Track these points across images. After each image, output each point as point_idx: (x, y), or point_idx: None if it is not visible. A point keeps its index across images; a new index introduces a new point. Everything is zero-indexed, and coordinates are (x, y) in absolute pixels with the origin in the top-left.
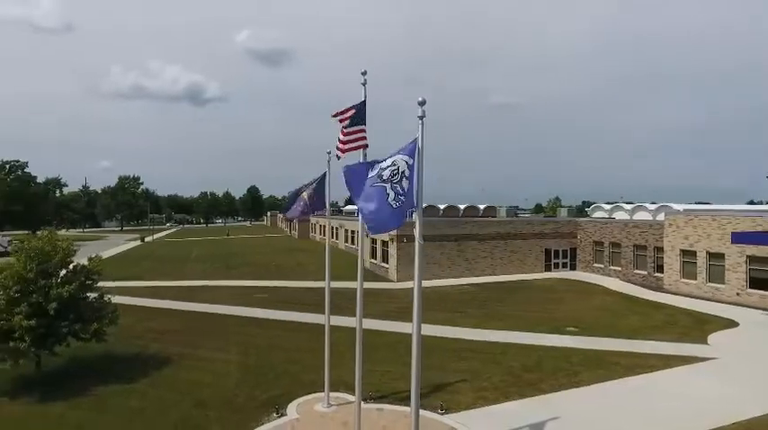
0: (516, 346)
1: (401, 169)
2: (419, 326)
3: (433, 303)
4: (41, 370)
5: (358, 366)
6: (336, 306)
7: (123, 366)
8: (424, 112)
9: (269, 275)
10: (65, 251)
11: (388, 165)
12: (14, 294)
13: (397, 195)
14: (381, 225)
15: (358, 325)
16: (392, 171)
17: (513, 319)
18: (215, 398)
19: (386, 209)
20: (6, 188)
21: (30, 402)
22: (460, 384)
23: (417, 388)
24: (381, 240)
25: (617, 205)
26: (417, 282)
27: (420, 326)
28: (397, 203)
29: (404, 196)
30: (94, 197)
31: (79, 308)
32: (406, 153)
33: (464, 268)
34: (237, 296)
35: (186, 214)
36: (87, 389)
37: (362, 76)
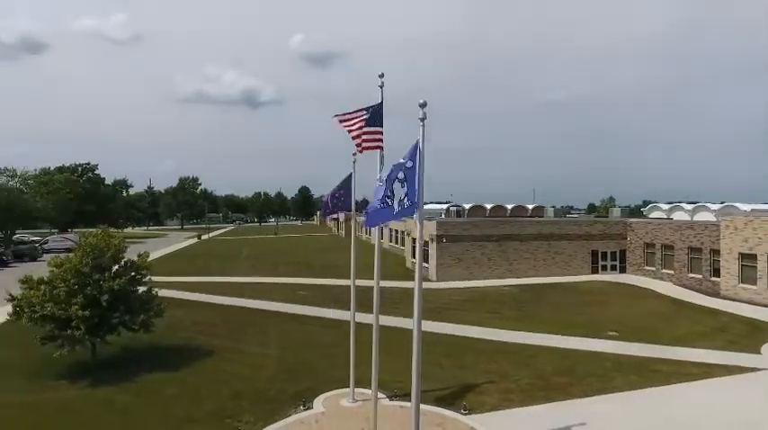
0: (550, 349)
1: (400, 173)
2: (419, 323)
3: (471, 304)
4: (97, 357)
5: (374, 363)
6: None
7: (168, 356)
8: (425, 114)
9: (312, 273)
10: (116, 247)
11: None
12: (73, 286)
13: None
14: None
15: (375, 321)
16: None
17: (550, 322)
18: (249, 390)
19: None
20: (80, 189)
21: (84, 386)
22: (487, 385)
23: (418, 384)
24: (425, 240)
25: (676, 205)
26: (418, 281)
27: (420, 323)
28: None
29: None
30: (158, 197)
31: (129, 300)
32: (406, 157)
33: (505, 269)
34: (281, 293)
35: (242, 213)
36: (134, 376)
37: (380, 79)
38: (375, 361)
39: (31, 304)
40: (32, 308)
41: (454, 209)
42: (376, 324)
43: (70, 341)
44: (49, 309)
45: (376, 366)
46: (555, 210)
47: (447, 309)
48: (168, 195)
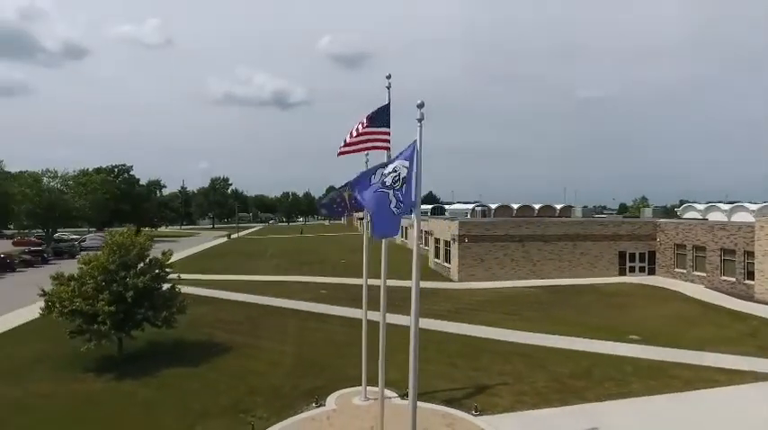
0: (568, 352)
1: (401, 175)
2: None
3: (491, 305)
4: (123, 351)
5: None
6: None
7: (191, 352)
8: (423, 115)
9: (335, 272)
10: (141, 246)
11: (390, 171)
12: (100, 283)
13: (398, 202)
14: (384, 231)
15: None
16: (394, 178)
17: (571, 324)
18: (265, 386)
19: (388, 215)
20: (115, 189)
21: (109, 379)
22: (501, 387)
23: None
24: (444, 240)
25: (712, 205)
26: (415, 280)
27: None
28: (397, 210)
29: (402, 202)
30: (190, 197)
31: (153, 297)
32: (404, 158)
33: (528, 270)
34: (303, 291)
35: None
36: (157, 371)
37: (387, 80)
38: (382, 360)
39: (61, 299)
40: (62, 303)
41: (480, 209)
42: (383, 322)
43: (97, 335)
44: (78, 305)
45: (382, 366)
46: (584, 210)
47: (466, 310)
48: (200, 195)
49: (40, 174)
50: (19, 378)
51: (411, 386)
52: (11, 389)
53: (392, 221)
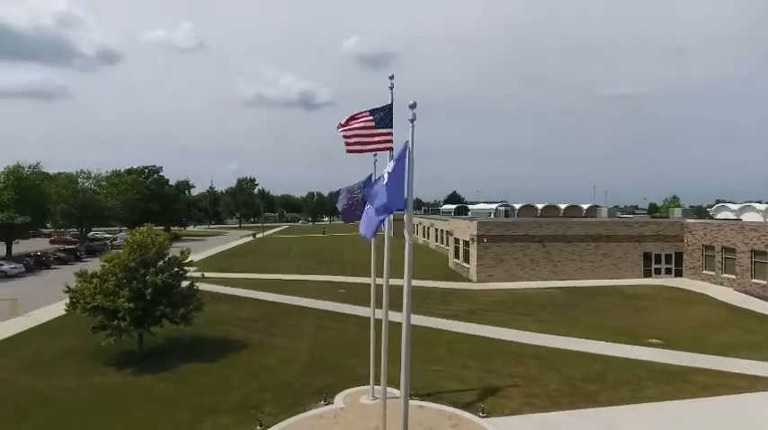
0: (583, 355)
1: (385, 178)
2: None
3: (507, 306)
4: (143, 347)
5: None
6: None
7: (208, 348)
8: (415, 116)
9: (354, 272)
10: (160, 245)
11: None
12: (121, 280)
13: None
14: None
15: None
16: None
17: (590, 327)
18: (276, 382)
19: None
20: (146, 190)
21: (128, 373)
22: (512, 389)
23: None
24: (463, 240)
25: (748, 205)
26: (407, 278)
27: (409, 322)
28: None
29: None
30: (219, 197)
31: (171, 294)
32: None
33: (549, 271)
34: (321, 290)
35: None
36: (174, 366)
37: (390, 80)
38: (384, 359)
39: (84, 296)
40: (85, 299)
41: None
42: (385, 321)
43: (117, 331)
44: (99, 301)
45: (384, 365)
46: (609, 210)
47: (481, 311)
48: (228, 195)
49: (75, 175)
50: (45, 371)
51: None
52: (37, 381)
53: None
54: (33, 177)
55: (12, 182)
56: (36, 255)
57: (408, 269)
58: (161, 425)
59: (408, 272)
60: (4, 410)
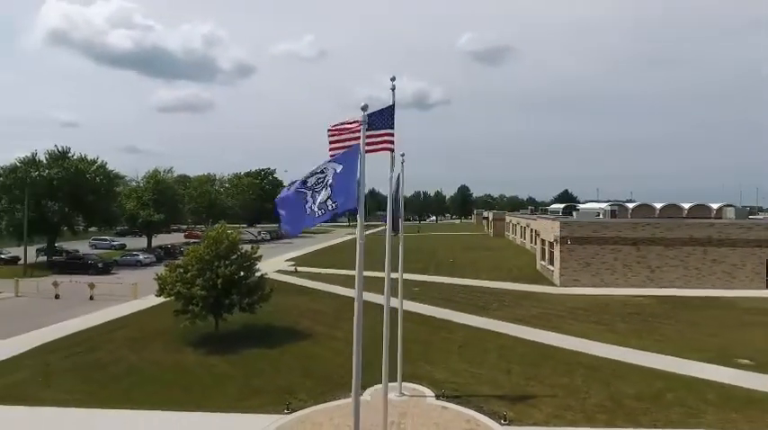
0: (647, 370)
1: (328, 179)
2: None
3: (584, 313)
4: (219, 331)
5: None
6: (478, 305)
7: (273, 336)
8: (365, 118)
9: (437, 271)
10: (231, 240)
11: (316, 172)
12: (198, 270)
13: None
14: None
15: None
16: (318, 179)
17: (670, 341)
18: (320, 372)
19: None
20: (261, 191)
21: (201, 354)
22: (547, 399)
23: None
24: (548, 241)
25: None
26: (358, 281)
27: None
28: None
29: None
30: None
31: (239, 285)
32: (338, 161)
33: (645, 277)
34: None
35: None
36: (239, 350)
37: (391, 82)
38: (385, 357)
39: (167, 283)
40: (168, 286)
41: (611, 208)
42: (386, 319)
43: (193, 315)
44: (179, 288)
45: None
46: (737, 210)
47: (553, 317)
48: None
49: (204, 177)
50: (140, 346)
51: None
52: (132, 354)
53: (302, 219)
54: (169, 180)
55: (151, 184)
56: (166, 247)
57: (359, 271)
58: (211, 398)
59: (359, 273)
60: (101, 374)
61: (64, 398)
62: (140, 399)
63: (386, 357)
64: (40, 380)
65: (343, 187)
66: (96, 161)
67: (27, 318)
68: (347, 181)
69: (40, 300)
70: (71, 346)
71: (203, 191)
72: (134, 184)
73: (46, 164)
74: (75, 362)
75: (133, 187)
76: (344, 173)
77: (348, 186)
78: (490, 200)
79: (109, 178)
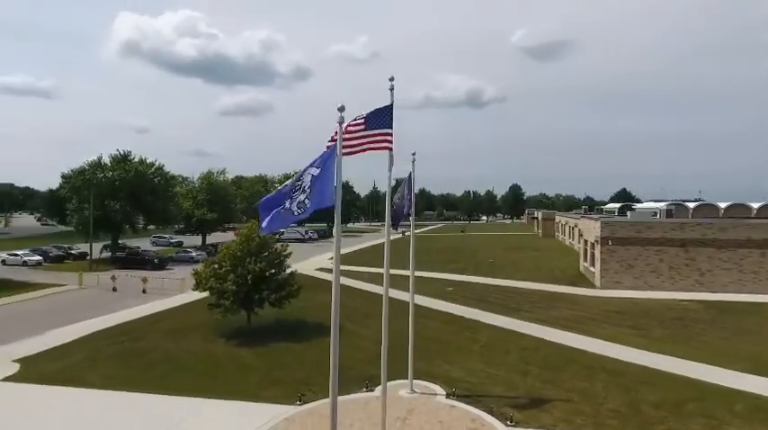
0: (675, 378)
1: (304, 183)
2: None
3: (620, 317)
4: (251, 324)
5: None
6: (509, 307)
7: (302, 331)
8: (343, 118)
9: (475, 271)
10: (261, 238)
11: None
12: (231, 266)
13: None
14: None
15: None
16: (295, 186)
17: (708, 348)
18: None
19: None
20: None
21: (232, 345)
22: (560, 403)
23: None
24: (590, 242)
25: None
26: (335, 278)
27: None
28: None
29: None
30: (381, 197)
31: (269, 281)
32: (316, 165)
33: (693, 281)
34: (430, 287)
35: (455, 211)
36: (267, 343)
37: (390, 82)
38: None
39: (202, 278)
40: (203, 281)
41: (668, 208)
42: (385, 316)
43: (224, 309)
44: (212, 283)
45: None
46: None
47: (587, 320)
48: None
49: (256, 178)
50: (179, 336)
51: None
52: (170, 343)
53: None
54: (221, 181)
55: (205, 185)
56: (216, 245)
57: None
58: (233, 386)
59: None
60: (140, 361)
61: (106, 381)
62: (171, 385)
63: (384, 356)
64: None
65: (318, 187)
66: (154, 163)
67: (86, 309)
68: (323, 181)
69: (99, 293)
70: (118, 335)
71: (255, 191)
72: (190, 185)
73: (110, 166)
74: (119, 350)
75: (189, 188)
76: (321, 174)
77: (324, 186)
78: (545, 199)
79: (166, 179)
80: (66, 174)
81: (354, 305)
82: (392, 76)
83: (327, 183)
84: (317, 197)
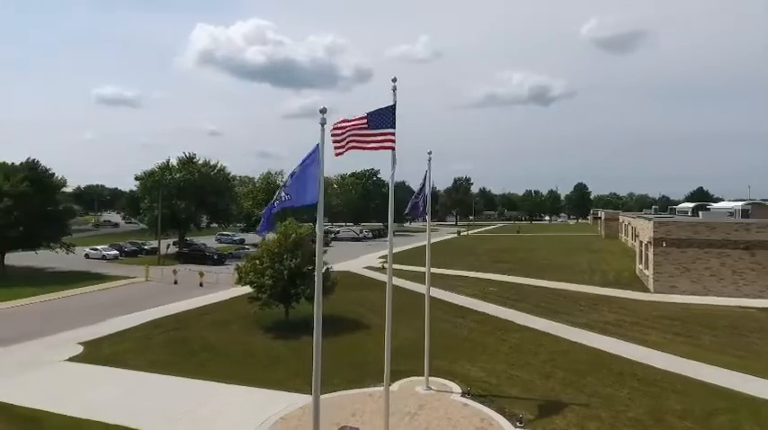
0: (709, 387)
1: (286, 181)
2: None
3: (670, 323)
4: (289, 319)
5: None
6: (550, 309)
7: (336, 326)
8: (325, 120)
9: (524, 272)
10: (299, 235)
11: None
12: (268, 262)
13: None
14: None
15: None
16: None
17: (758, 359)
18: (360, 361)
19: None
20: (364, 190)
21: (268, 337)
22: (577, 408)
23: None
24: (645, 243)
25: None
26: (318, 279)
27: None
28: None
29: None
30: (438, 196)
31: (303, 277)
32: (299, 163)
33: (761, 286)
34: (473, 287)
35: (516, 211)
36: (299, 336)
37: (392, 83)
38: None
39: (243, 273)
40: (243, 276)
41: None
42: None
43: (262, 303)
44: (251, 278)
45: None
46: None
47: (630, 325)
48: (445, 194)
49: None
50: (221, 328)
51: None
52: (212, 333)
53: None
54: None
55: (263, 185)
56: None
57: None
58: (262, 375)
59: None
60: (183, 349)
61: (150, 365)
62: (207, 371)
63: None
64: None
65: (299, 184)
66: (217, 165)
67: (147, 299)
68: (305, 178)
69: (162, 285)
70: (170, 324)
71: None
72: (250, 186)
73: (176, 168)
74: (168, 338)
75: (249, 188)
76: (302, 171)
77: (303, 181)
78: (615, 199)
79: (227, 180)
80: (139, 176)
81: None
82: (395, 77)
83: (310, 180)
84: (299, 193)
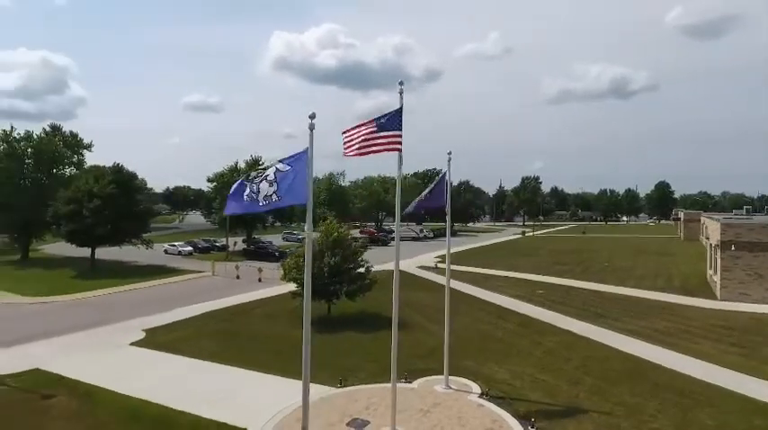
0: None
1: (267, 174)
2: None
3: (724, 332)
4: (331, 314)
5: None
6: (596, 313)
7: (375, 323)
8: (313, 125)
9: (581, 275)
10: (339, 234)
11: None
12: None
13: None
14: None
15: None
16: (258, 174)
17: None
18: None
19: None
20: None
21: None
22: (597, 415)
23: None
24: (714, 246)
25: None
26: (307, 282)
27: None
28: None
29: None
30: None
31: (343, 274)
32: (286, 162)
33: None
34: (521, 289)
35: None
36: (338, 331)
37: (399, 86)
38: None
39: (286, 269)
40: (286, 272)
41: None
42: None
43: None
44: (293, 274)
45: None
46: None
47: (681, 333)
48: (512, 194)
49: (373, 179)
50: (269, 321)
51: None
52: (260, 326)
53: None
54: (340, 182)
55: (325, 186)
56: None
57: (308, 273)
58: (295, 366)
59: (308, 276)
60: (229, 339)
61: (199, 352)
62: (247, 360)
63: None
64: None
65: (285, 184)
66: None
67: (210, 292)
68: (293, 179)
69: (225, 280)
70: (223, 315)
71: (372, 191)
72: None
73: (244, 170)
74: (218, 328)
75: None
76: (291, 172)
77: (293, 184)
78: (705, 198)
79: None
80: (211, 178)
81: (436, 304)
82: (401, 80)
83: (300, 181)
84: (289, 194)
